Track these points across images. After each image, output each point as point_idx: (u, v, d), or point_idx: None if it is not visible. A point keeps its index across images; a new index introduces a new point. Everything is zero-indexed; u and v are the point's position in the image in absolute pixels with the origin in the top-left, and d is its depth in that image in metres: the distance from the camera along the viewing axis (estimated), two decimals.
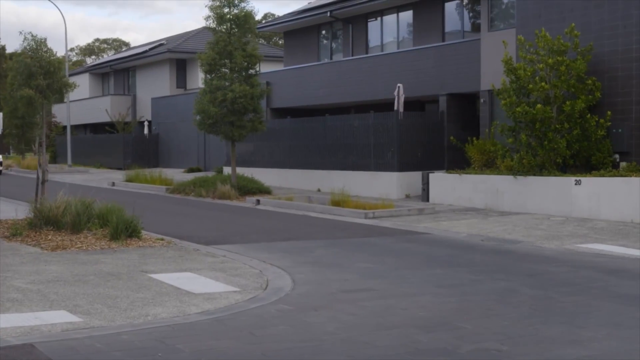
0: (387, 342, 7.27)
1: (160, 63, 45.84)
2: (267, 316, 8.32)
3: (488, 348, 7.10)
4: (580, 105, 18.95)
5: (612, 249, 13.86)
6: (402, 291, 9.89)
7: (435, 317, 8.38)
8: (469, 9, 26.66)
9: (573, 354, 6.97)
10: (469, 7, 26.56)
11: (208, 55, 25.47)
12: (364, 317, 8.33)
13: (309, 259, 12.55)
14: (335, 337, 7.42)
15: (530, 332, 7.80)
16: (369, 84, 27.85)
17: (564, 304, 9.20)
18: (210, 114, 24.97)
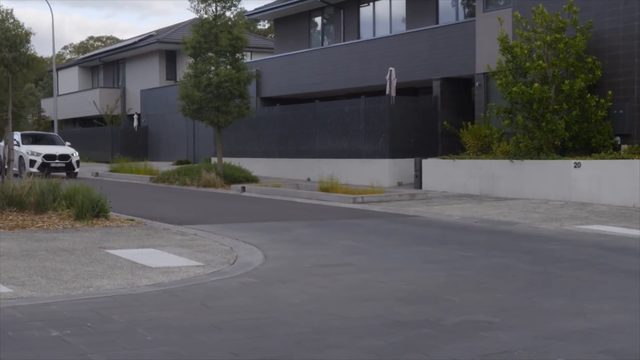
0: (360, 314, 6.28)
1: (149, 55, 44.83)
2: (227, 288, 7.33)
3: (477, 320, 6.12)
4: (579, 84, 17.96)
5: (614, 230, 12.89)
6: (384, 266, 8.90)
7: (419, 291, 7.39)
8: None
9: (576, 326, 5.99)
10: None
11: (193, 39, 24.46)
12: (337, 290, 7.34)
13: (287, 237, 11.55)
14: (301, 309, 6.43)
15: (526, 304, 6.82)
16: (361, 70, 26.86)
17: (565, 278, 8.22)
18: (194, 99, 23.95)
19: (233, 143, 30.23)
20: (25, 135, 28.52)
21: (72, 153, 27.34)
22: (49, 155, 26.68)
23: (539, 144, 18.57)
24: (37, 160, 26.35)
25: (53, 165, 26.44)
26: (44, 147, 27.28)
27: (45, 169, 25.29)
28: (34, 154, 26.63)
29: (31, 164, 26.00)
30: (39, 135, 30.01)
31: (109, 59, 49.04)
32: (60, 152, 27.15)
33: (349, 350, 5.13)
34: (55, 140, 29.36)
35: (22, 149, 26.74)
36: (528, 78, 18.73)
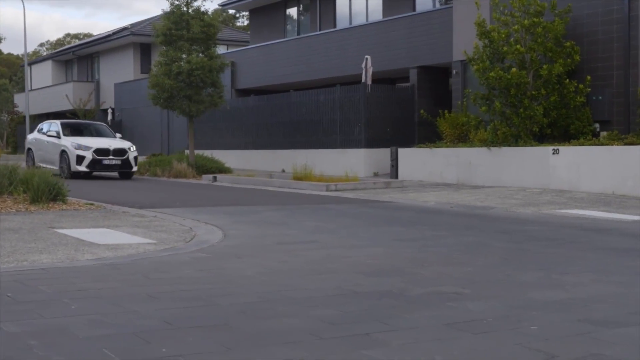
0: (317, 286, 5.71)
1: (124, 48, 44.04)
2: (175, 262, 6.72)
3: (445, 291, 5.56)
4: (558, 69, 17.50)
5: (593, 214, 12.41)
6: (350, 243, 8.34)
7: (385, 265, 6.83)
8: None
9: (553, 296, 5.45)
10: None
11: (164, 26, 23.79)
12: (297, 264, 6.77)
13: (252, 219, 10.96)
14: (252, 281, 5.85)
15: (500, 277, 6.28)
16: (338, 60, 26.30)
17: (542, 254, 7.69)
18: (165, 88, 23.29)
19: (207, 135, 29.59)
20: (66, 124, 23.25)
21: (128, 147, 21.77)
22: (100, 150, 21.16)
23: (516, 131, 18.09)
24: (86, 156, 20.97)
25: (106, 162, 21.18)
26: (92, 140, 21.88)
27: (95, 167, 21.06)
28: (82, 148, 21.10)
29: (78, 161, 20.89)
30: (83, 124, 24.43)
31: (83, 52, 48.19)
32: (114, 145, 21.57)
33: (298, 319, 4.56)
34: (102, 130, 23.76)
35: (65, 141, 21.61)
36: (506, 63, 18.26)
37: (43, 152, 22.77)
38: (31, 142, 24.07)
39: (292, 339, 4.06)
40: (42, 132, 23.41)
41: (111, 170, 21.67)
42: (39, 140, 23.34)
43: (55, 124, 22.77)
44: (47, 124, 23.57)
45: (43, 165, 20.84)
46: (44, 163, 21.91)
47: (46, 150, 22.58)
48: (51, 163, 21.75)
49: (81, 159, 21.01)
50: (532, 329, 4.42)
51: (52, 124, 23.05)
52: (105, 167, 21.31)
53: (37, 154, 23.14)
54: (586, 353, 3.94)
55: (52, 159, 22.02)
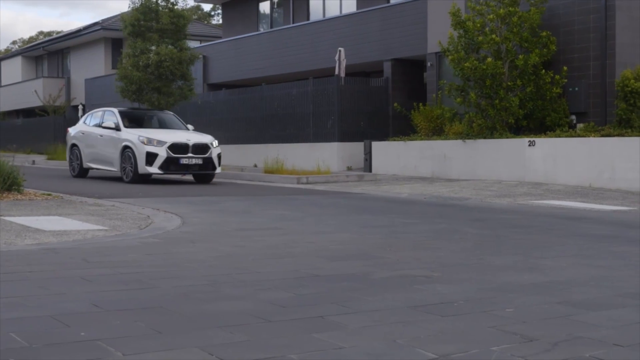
0: (273, 269, 5.21)
1: (94, 43, 43.22)
2: (122, 247, 6.19)
3: (413, 275, 5.09)
4: (533, 59, 17.13)
5: (570, 204, 12.03)
6: (315, 230, 7.85)
7: (350, 250, 6.35)
8: None
9: (530, 279, 5.00)
10: None
11: (132, 16, 23.13)
12: (254, 249, 6.26)
13: (216, 208, 10.43)
14: (202, 264, 5.34)
15: (473, 261, 5.82)
16: (311, 53, 25.79)
17: (518, 240, 7.26)
18: (133, 80, 22.61)
19: None
20: (125, 113, 18.03)
21: (210, 142, 16.72)
22: (177, 146, 16.00)
23: (492, 122, 17.71)
24: (159, 153, 15.80)
25: (184, 162, 15.99)
26: (163, 133, 16.71)
27: (170, 167, 15.95)
28: (153, 144, 15.94)
29: (148, 161, 15.79)
30: (145, 113, 19.30)
31: (53, 48, 47.29)
32: (194, 140, 16.44)
33: (245, 302, 4.06)
34: (169, 121, 18.51)
35: (127, 134, 16.53)
36: (481, 53, 17.86)
37: (95, 149, 17.59)
38: (77, 138, 18.47)
39: (235, 322, 3.57)
40: (92, 124, 18.28)
41: (190, 171, 16.42)
42: (89, 134, 17.97)
43: (112, 113, 17.64)
44: (99, 114, 18.52)
45: (95, 167, 17.60)
46: (96, 163, 17.55)
47: (100, 148, 17.42)
48: (107, 163, 17.04)
49: (152, 157, 15.72)
50: (508, 312, 3.96)
51: (107, 113, 17.91)
52: (182, 168, 16.07)
53: (86, 153, 17.88)
54: (567, 336, 3.49)
55: (108, 158, 16.96)
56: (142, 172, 15.89)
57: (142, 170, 15.86)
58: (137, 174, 15.91)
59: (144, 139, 15.99)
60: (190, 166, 16.08)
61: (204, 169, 16.36)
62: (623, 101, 16.37)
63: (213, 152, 16.49)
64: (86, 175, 18.11)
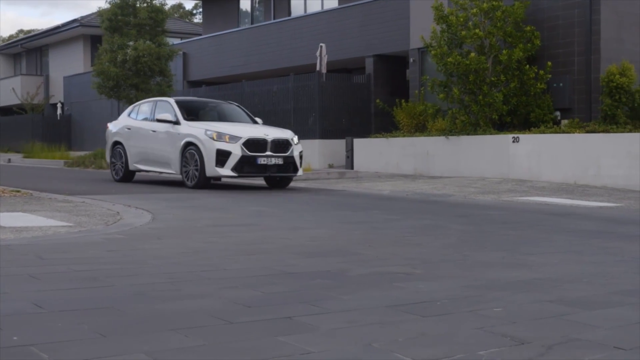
0: (243, 267, 4.83)
1: (73, 40, 42.61)
2: (82, 243, 5.78)
3: (392, 272, 4.72)
4: (517, 54, 16.83)
5: (556, 200, 11.72)
6: (293, 226, 7.47)
7: (327, 246, 5.98)
8: None
9: (519, 276, 4.65)
10: None
11: (109, 11, 22.70)
12: (225, 245, 5.87)
13: (191, 204, 10.02)
14: (166, 261, 4.94)
15: (456, 257, 5.46)
16: (292, 49, 25.41)
17: (504, 236, 6.91)
18: (110, 76, 22.19)
19: None
20: (182, 104, 14.61)
21: (291, 137, 13.61)
22: (254, 143, 12.88)
23: (475, 119, 17.40)
24: (233, 151, 12.72)
25: (262, 162, 12.85)
26: (233, 127, 13.45)
27: (245, 169, 12.83)
28: (224, 140, 12.81)
29: (220, 161, 12.67)
30: (206, 104, 15.72)
31: (32, 45, 46.60)
32: (272, 135, 13.26)
33: (206, 301, 3.68)
34: (234, 112, 15.19)
35: (191, 129, 13.33)
36: (464, 48, 17.55)
37: (146, 148, 14.38)
38: (121, 134, 15.17)
39: (192, 324, 3.18)
40: (141, 117, 15.07)
41: (268, 173, 13.17)
42: (137, 130, 14.82)
43: (167, 104, 14.35)
44: (147, 106, 15.19)
45: (145, 169, 14.64)
46: (146, 164, 14.49)
47: (153, 146, 14.22)
48: (162, 164, 13.98)
49: (224, 156, 12.65)
50: (496, 311, 3.60)
51: (160, 105, 14.61)
52: (259, 169, 12.93)
53: (133, 152, 14.73)
54: (562, 338, 3.13)
55: (164, 157, 13.85)
56: (211, 175, 12.80)
57: (211, 172, 12.73)
58: (203, 177, 12.81)
59: (213, 133, 12.81)
60: (269, 167, 12.92)
61: (284, 170, 13.19)
62: (608, 97, 16.12)
63: (294, 150, 13.38)
64: (132, 178, 15.19)
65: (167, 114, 13.92)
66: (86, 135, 39.40)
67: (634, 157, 14.91)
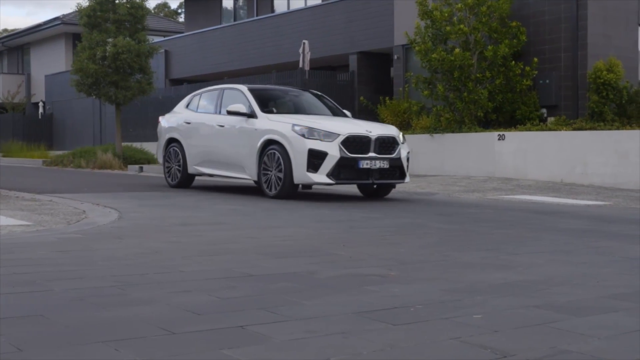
0: (203, 268, 4.42)
1: (55, 38, 42.03)
2: (34, 243, 5.36)
3: (365, 274, 4.33)
4: (503, 50, 16.49)
5: (543, 199, 11.38)
6: (265, 225, 7.07)
7: (299, 246, 5.58)
8: None
9: (503, 279, 4.27)
10: None
11: (88, 6, 22.17)
12: (188, 245, 5.46)
13: (163, 203, 9.60)
14: (119, 263, 4.53)
15: (437, 258, 5.08)
16: (275, 47, 25.00)
17: (489, 235, 6.54)
18: (89, 73, 21.67)
19: (139, 127, 28.04)
20: (257, 92, 11.75)
21: (397, 135, 10.79)
22: (354, 141, 10.19)
23: (460, 116, 17.06)
24: (329, 152, 10.00)
25: (365, 165, 10.13)
26: (325, 121, 10.72)
27: (342, 174, 10.08)
28: (318, 137, 10.14)
29: (313, 164, 10.00)
30: (288, 93, 12.61)
31: (13, 43, 45.95)
32: (376, 132, 10.49)
33: (152, 308, 3.27)
34: (315, 105, 12.14)
35: (272, 124, 10.68)
36: (449, 44, 17.20)
37: (211, 146, 11.74)
38: (178, 130, 12.54)
39: (131, 334, 2.78)
40: (203, 109, 12.36)
41: (370, 180, 10.26)
42: (199, 125, 12.14)
43: (239, 93, 11.55)
44: (212, 95, 12.37)
45: (209, 172, 11.96)
46: (211, 167, 11.86)
47: (220, 144, 11.54)
48: (233, 167, 11.32)
49: (318, 158, 9.93)
50: (476, 318, 3.22)
51: (229, 94, 11.86)
52: (361, 175, 10.13)
53: (193, 151, 12.14)
54: (550, 350, 2.75)
55: (235, 159, 11.20)
56: (301, 181, 10.14)
57: (301, 178, 10.05)
58: (290, 184, 10.14)
59: (303, 129, 10.08)
60: (372, 172, 10.14)
61: (389, 176, 10.42)
62: (595, 93, 15.81)
63: (402, 150, 10.57)
64: (190, 184, 12.71)
65: (240, 105, 11.06)
66: (68, 134, 38.85)
67: (622, 155, 14.60)
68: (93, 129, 36.38)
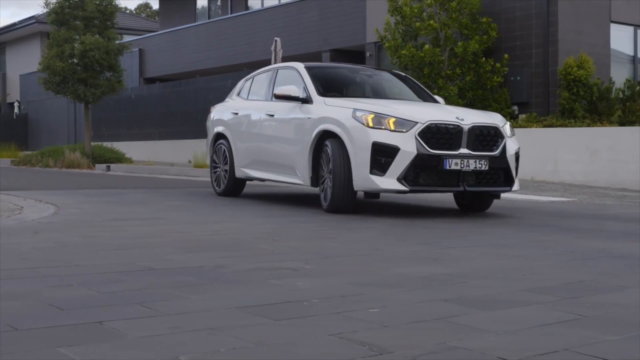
0: (104, 262, 4.12)
1: (30, 37, 41.55)
2: None
3: (278, 267, 4.04)
4: (473, 46, 16.25)
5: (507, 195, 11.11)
6: (202, 220, 6.77)
7: (224, 240, 5.29)
8: None
9: (423, 272, 3.99)
10: None
11: (56, 3, 21.82)
12: (105, 240, 5.16)
13: (110, 199, 9.27)
14: (15, 257, 4.24)
15: (366, 252, 4.80)
16: (248, 44, 24.70)
17: (432, 229, 6.27)
18: (56, 70, 21.30)
19: (112, 126, 27.68)
20: (317, 70, 8.98)
21: (500, 125, 7.67)
22: (438, 133, 7.19)
23: None
24: (402, 147, 7.06)
25: (454, 166, 7.15)
26: (397, 105, 7.84)
27: (422, 178, 7.21)
28: (387, 126, 7.20)
29: (378, 163, 7.13)
30: (359, 72, 9.66)
31: None
32: (469, 119, 7.37)
33: (20, 302, 2.99)
34: (399, 89, 9.31)
35: (328, 109, 7.87)
36: (419, 41, 16.95)
37: (259, 141, 9.17)
38: (227, 123, 10.01)
39: None
40: (255, 96, 9.87)
41: (461, 187, 7.33)
42: (247, 115, 9.59)
43: (293, 72, 9.01)
44: (266, 76, 9.82)
45: (259, 176, 9.30)
46: (260, 169, 9.21)
47: (269, 139, 8.97)
48: (282, 169, 8.66)
49: (386, 154, 7.16)
50: (371, 313, 2.93)
51: (283, 73, 9.36)
52: (446, 180, 7.30)
53: (240, 149, 9.60)
54: (436, 346, 2.47)
55: (284, 157, 8.61)
56: (363, 187, 7.32)
57: (363, 182, 7.25)
58: (347, 191, 7.39)
59: (367, 115, 7.30)
60: (465, 175, 7.30)
61: (490, 182, 7.52)
62: (565, 90, 15.60)
63: (507, 145, 7.67)
64: (240, 191, 10.03)
65: (292, 87, 8.38)
66: (43, 134, 38.37)
67: (592, 152, 14.40)
68: (68, 128, 35.95)
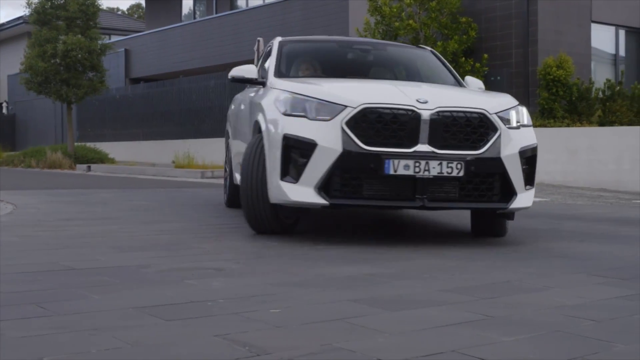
0: (25, 262, 4.04)
1: (18, 38, 41.39)
2: None
3: (204, 267, 3.98)
4: (453, 46, 16.21)
5: None
6: (152, 219, 6.70)
7: (162, 240, 5.21)
8: None
9: (351, 272, 3.92)
10: None
11: (38, 3, 21.72)
12: (42, 240, 5.09)
13: (75, 199, 9.18)
14: None
15: (304, 252, 4.71)
16: (233, 44, 24.63)
17: (376, 229, 6.19)
18: (38, 71, 21.20)
19: (96, 127, 27.57)
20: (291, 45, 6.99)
21: (489, 111, 5.03)
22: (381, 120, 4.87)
23: None
24: (320, 142, 4.86)
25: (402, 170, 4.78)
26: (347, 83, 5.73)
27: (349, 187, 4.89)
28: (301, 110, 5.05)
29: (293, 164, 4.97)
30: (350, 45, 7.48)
31: None
32: (437, 100, 4.99)
33: None
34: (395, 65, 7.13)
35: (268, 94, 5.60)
36: (399, 40, 16.87)
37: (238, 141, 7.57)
38: (230, 117, 8.66)
39: None
40: None
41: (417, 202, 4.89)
42: (238, 108, 7.84)
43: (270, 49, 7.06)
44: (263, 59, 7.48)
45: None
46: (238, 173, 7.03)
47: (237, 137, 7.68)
48: None
49: (299, 153, 4.95)
50: (272, 313, 2.86)
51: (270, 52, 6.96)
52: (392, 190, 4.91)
53: (233, 150, 7.96)
54: (322, 347, 2.40)
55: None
56: (277, 199, 5.11)
57: (276, 192, 5.09)
58: (261, 205, 5.33)
59: (288, 97, 5.26)
60: (426, 184, 4.91)
61: (475, 195, 5.08)
62: (545, 90, 15.55)
63: (505, 142, 5.10)
64: None
65: (248, 68, 6.31)
66: (30, 134, 38.23)
67: (572, 152, 14.35)
68: (55, 129, 35.82)
